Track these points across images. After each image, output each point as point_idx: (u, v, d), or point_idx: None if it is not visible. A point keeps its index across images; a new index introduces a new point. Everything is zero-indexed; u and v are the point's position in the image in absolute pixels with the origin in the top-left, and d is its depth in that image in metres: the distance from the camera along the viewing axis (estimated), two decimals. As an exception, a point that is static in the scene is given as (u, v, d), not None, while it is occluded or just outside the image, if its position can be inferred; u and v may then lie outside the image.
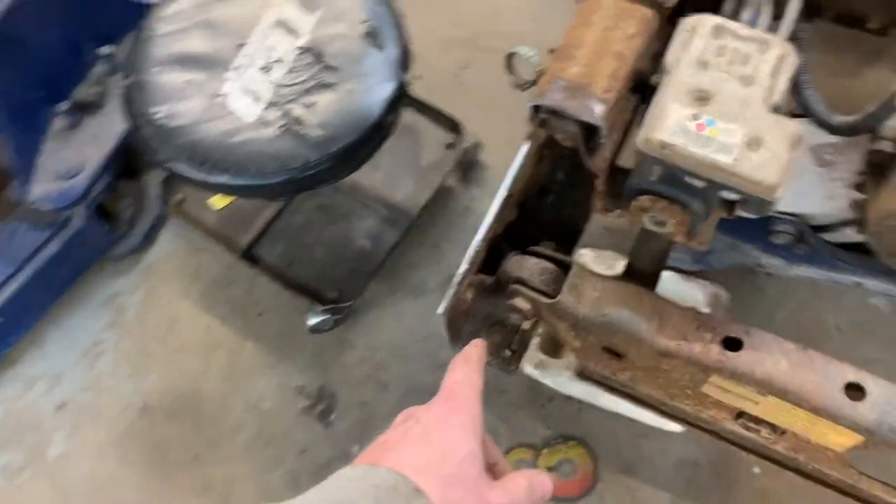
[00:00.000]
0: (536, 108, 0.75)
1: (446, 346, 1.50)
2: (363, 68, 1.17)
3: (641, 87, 0.79)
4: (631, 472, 1.37)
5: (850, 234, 1.26)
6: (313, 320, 1.43)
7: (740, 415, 0.78)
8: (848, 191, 0.91)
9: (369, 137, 1.15)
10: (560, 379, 1.19)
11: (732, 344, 0.73)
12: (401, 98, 1.19)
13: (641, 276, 0.83)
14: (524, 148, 0.81)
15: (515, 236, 0.87)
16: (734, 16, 0.85)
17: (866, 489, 0.78)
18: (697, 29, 0.73)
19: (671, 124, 0.69)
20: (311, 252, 1.47)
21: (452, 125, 1.51)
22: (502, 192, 0.79)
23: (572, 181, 0.91)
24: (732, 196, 0.70)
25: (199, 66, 1.18)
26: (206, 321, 1.54)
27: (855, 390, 0.70)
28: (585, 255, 1.29)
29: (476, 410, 0.67)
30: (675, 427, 1.22)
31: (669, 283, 1.15)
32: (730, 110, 0.70)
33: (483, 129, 1.57)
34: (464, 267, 0.77)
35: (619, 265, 1.14)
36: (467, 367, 0.71)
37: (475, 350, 0.74)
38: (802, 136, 0.69)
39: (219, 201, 1.49)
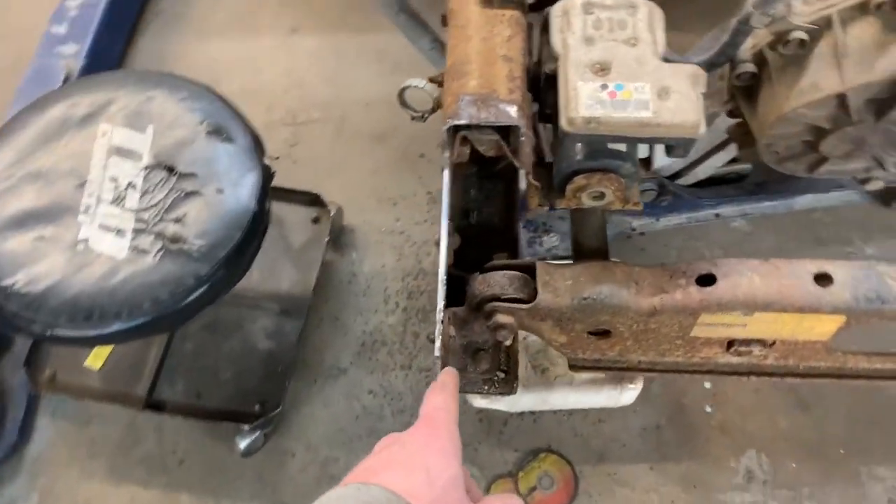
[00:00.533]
0: (456, 129, 0.75)
1: (384, 418, 1.46)
2: (221, 165, 1.12)
3: (533, 83, 0.81)
4: (604, 458, 1.39)
5: (704, 171, 1.37)
6: (243, 443, 1.33)
7: (731, 344, 0.82)
8: (721, 120, 0.99)
9: (252, 230, 1.10)
10: (510, 399, 1.19)
11: (707, 280, 0.77)
12: (269, 182, 1.15)
13: (592, 253, 0.85)
14: (446, 173, 0.80)
15: (460, 263, 0.86)
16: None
17: (853, 365, 0.84)
18: (569, 11, 0.78)
19: (586, 100, 0.72)
20: (215, 375, 1.37)
21: (313, 199, 1.48)
22: (445, 222, 0.78)
23: (486, 195, 0.92)
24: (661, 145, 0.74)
25: (43, 221, 1.07)
26: (126, 493, 1.38)
27: (824, 279, 0.76)
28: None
29: (456, 435, 0.69)
30: (627, 399, 1.25)
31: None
32: (630, 72, 0.74)
33: (332, 194, 1.55)
34: (441, 303, 0.75)
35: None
36: (444, 393, 0.72)
37: (449, 377, 0.75)
38: (700, 73, 0.74)
39: (96, 359, 1.35)
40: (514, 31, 0.80)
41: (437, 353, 0.73)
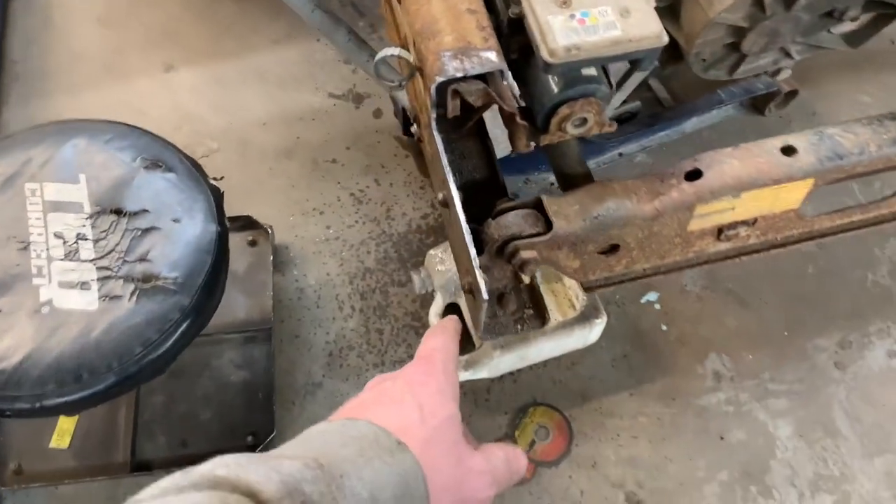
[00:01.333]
0: (445, 85, 0.78)
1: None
2: (169, 196, 1.09)
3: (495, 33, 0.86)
4: (587, 397, 1.46)
5: (611, 107, 1.47)
6: (241, 479, 1.28)
7: (720, 231, 0.90)
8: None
9: (220, 250, 1.08)
10: (492, 363, 1.23)
11: (694, 174, 0.84)
12: (221, 201, 1.13)
13: (580, 180, 0.90)
14: (438, 137, 0.83)
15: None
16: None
17: (819, 226, 0.95)
18: (516, -44, 0.83)
19: (559, 31, 0.77)
20: (196, 419, 1.32)
21: (245, 223, 1.46)
22: (452, 183, 0.81)
23: (461, 155, 0.96)
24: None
25: (-4, 293, 1.00)
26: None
27: (789, 151, 0.85)
28: (435, 255, 1.34)
29: (453, 376, 0.66)
30: (593, 336, 1.32)
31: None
32: (589, 0, 0.80)
33: (257, 218, 1.53)
34: (472, 250, 0.78)
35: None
36: (444, 335, 0.71)
37: (451, 322, 0.75)
38: (649, -12, 0.81)
39: (62, 437, 1.26)
40: (468, -14, 0.84)
41: (484, 296, 0.75)
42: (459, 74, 0.78)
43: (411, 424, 0.58)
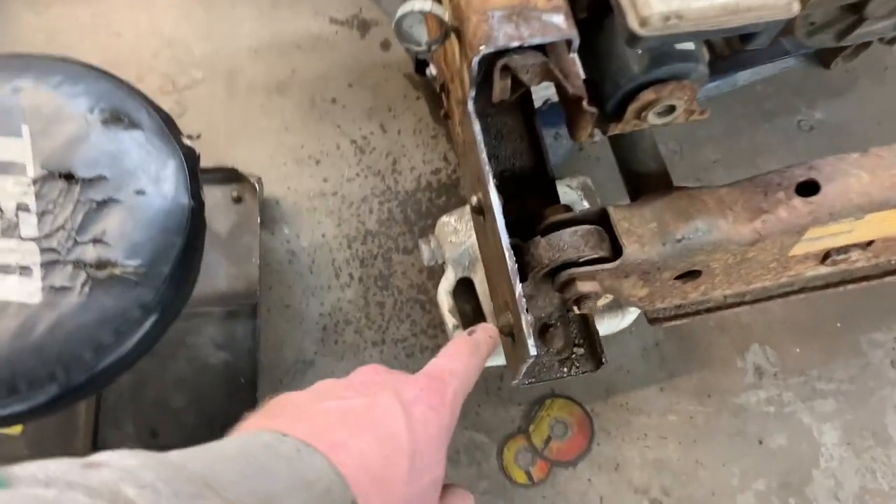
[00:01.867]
0: (492, 58, 0.57)
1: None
2: (132, 160, 0.88)
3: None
4: (613, 390, 1.30)
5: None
6: (220, 473, 1.13)
7: (826, 255, 0.71)
8: None
9: (194, 230, 0.88)
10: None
11: (809, 188, 0.64)
12: (197, 166, 0.92)
13: (654, 182, 0.70)
14: (477, 124, 0.63)
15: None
16: None
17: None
18: None
19: (656, -9, 0.56)
20: (167, 406, 1.15)
21: (229, 175, 1.25)
22: (493, 187, 0.61)
23: (498, 135, 0.75)
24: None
25: (-87, 277, 0.81)
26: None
27: (932, 159, 0.65)
28: (448, 222, 1.16)
29: (455, 421, 0.52)
30: (625, 322, 1.15)
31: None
32: (696, -53, 0.58)
33: (243, 165, 1.32)
34: (517, 287, 0.58)
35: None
36: (473, 358, 0.56)
37: (484, 346, 0.59)
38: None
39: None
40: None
41: (531, 351, 0.56)
42: (514, 44, 0.57)
43: (395, 478, 0.43)
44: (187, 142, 0.94)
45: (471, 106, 0.62)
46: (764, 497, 1.24)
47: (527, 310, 0.57)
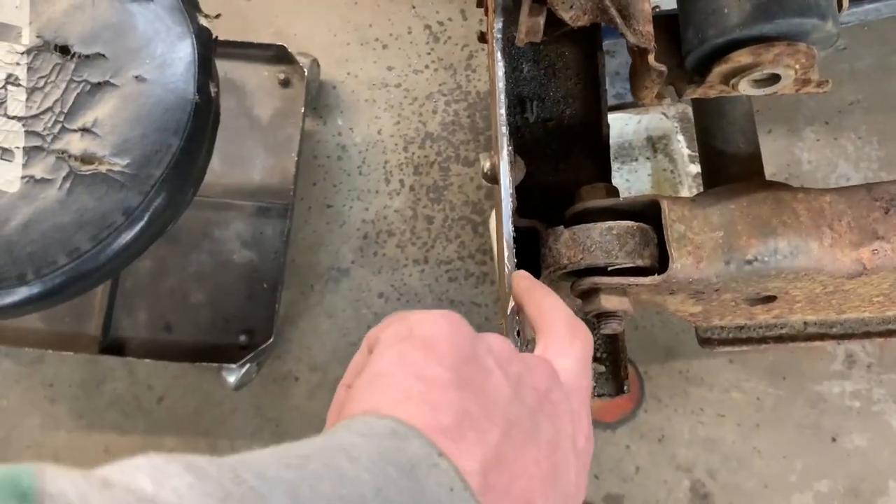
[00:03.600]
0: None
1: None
2: (137, 38, 0.76)
3: None
4: (674, 354, 1.15)
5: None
6: (232, 377, 1.07)
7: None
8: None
9: (197, 130, 0.76)
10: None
11: (952, 212, 0.46)
12: (211, 53, 0.79)
13: (742, 168, 0.53)
14: (499, 54, 0.46)
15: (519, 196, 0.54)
16: None
17: None
18: None
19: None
20: (185, 300, 1.08)
21: (277, 54, 1.12)
22: (505, 143, 0.46)
23: (547, 71, 0.58)
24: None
25: None
26: (99, 441, 1.14)
27: None
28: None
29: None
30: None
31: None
32: None
33: (299, 42, 1.19)
34: (511, 304, 0.44)
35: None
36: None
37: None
38: None
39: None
40: None
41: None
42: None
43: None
44: (203, 22, 0.80)
45: (495, 37, 0.46)
46: (825, 500, 1.09)
47: (518, 332, 0.43)
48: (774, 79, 0.45)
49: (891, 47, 1.22)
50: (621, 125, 1.03)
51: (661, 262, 0.48)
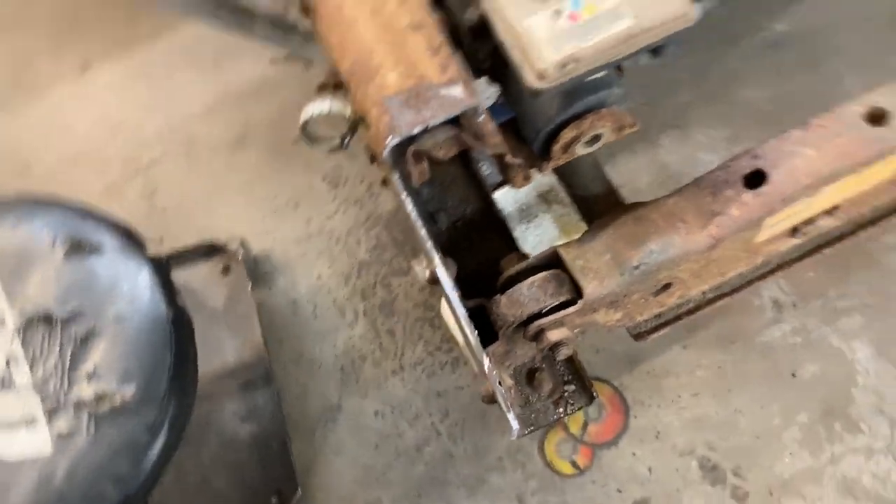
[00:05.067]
0: (402, 146, 0.56)
1: (403, 434, 1.29)
2: (103, 286, 0.89)
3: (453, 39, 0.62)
4: (636, 360, 1.29)
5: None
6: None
7: (794, 229, 0.69)
8: None
9: (181, 339, 0.89)
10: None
11: (756, 178, 0.63)
12: (168, 274, 0.93)
13: (603, 203, 0.69)
14: (410, 202, 0.62)
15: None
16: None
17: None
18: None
19: (546, 40, 0.54)
20: (210, 486, 1.17)
21: (210, 249, 1.25)
22: (436, 257, 0.61)
23: (442, 186, 0.74)
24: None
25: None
26: None
27: (877, 118, 0.63)
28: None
29: None
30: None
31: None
32: (577, -21, 0.56)
33: (224, 228, 1.33)
34: (484, 361, 0.58)
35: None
36: None
37: None
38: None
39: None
40: (403, -12, 0.60)
41: (513, 427, 0.56)
42: (417, 130, 0.56)
43: None
44: (151, 250, 0.94)
45: (400, 186, 0.61)
46: (809, 428, 1.23)
47: (500, 382, 0.56)
48: (597, 137, 0.62)
49: (699, 46, 1.44)
50: (513, 195, 1.20)
51: (578, 292, 0.62)
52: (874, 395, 1.24)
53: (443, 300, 1.16)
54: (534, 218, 1.24)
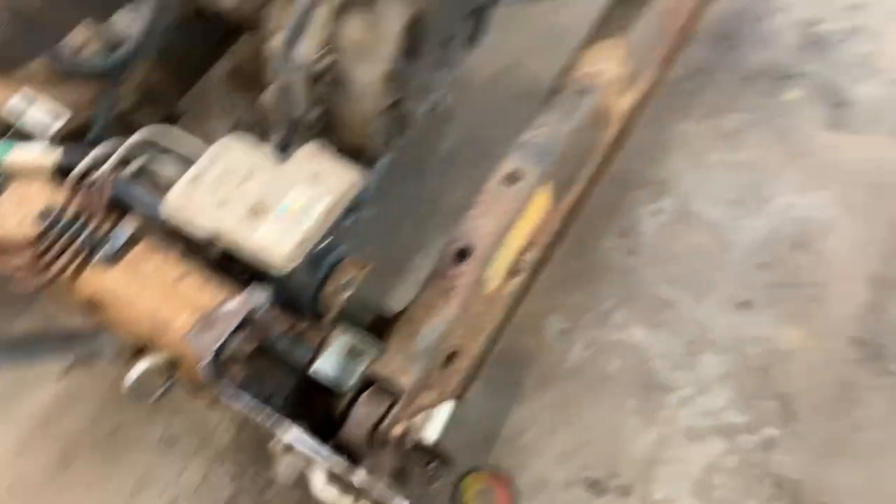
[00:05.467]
0: (215, 362, 0.72)
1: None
2: None
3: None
4: (489, 437, 1.46)
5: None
6: None
7: (511, 274, 0.92)
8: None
9: None
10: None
11: (463, 253, 0.86)
12: None
13: (382, 323, 0.88)
14: (253, 402, 0.76)
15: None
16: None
17: (571, 199, 1.00)
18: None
19: (274, 240, 0.74)
20: None
21: None
22: (277, 419, 0.75)
23: (269, 370, 0.90)
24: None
25: None
26: None
27: (514, 178, 0.89)
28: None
29: None
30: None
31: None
32: (273, 190, 0.77)
33: None
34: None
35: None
36: None
37: None
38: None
39: None
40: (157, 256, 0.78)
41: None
42: (219, 343, 0.72)
43: None
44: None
45: (237, 395, 0.76)
46: (640, 409, 1.46)
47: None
48: (350, 282, 0.82)
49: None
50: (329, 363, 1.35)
51: (396, 391, 0.80)
52: (665, 360, 1.51)
53: (313, 488, 1.27)
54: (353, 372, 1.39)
